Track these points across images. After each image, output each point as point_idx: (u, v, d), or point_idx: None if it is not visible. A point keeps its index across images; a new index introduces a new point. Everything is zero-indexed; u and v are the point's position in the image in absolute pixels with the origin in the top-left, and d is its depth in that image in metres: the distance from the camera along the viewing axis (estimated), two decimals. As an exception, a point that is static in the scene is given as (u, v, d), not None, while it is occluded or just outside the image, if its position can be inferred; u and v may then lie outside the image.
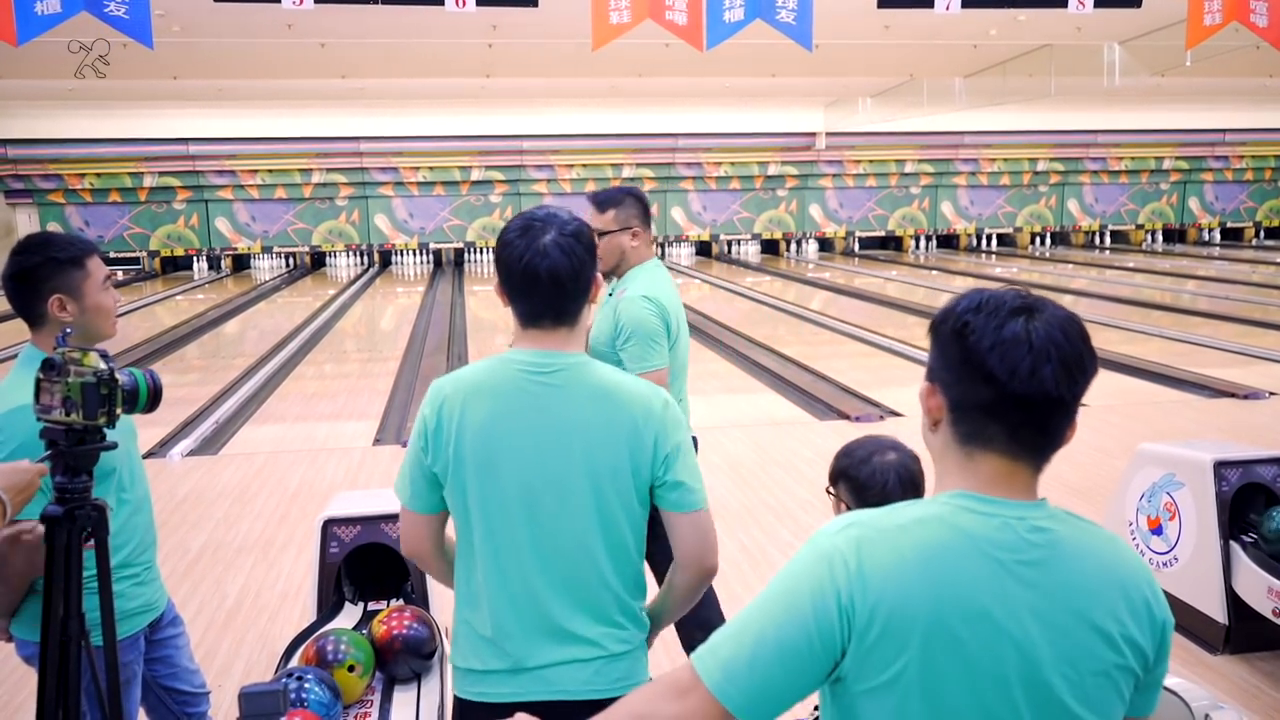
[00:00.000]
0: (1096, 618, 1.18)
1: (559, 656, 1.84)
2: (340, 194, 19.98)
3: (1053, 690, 1.17)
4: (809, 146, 20.68)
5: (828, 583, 1.17)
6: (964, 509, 1.21)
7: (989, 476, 1.22)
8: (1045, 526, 1.21)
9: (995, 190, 22.39)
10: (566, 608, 1.84)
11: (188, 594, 4.38)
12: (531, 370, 1.84)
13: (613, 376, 1.89)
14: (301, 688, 2.50)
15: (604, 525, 1.84)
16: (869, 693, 1.18)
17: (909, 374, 9.14)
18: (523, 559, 1.83)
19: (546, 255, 1.79)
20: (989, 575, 1.17)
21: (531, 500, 1.82)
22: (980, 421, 1.21)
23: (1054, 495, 4.46)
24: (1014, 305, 1.20)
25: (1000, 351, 1.17)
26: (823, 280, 17.94)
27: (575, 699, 1.81)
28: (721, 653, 1.20)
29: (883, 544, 1.18)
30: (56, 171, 18.69)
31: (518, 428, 1.82)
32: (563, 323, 1.85)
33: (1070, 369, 1.18)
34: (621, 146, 20.16)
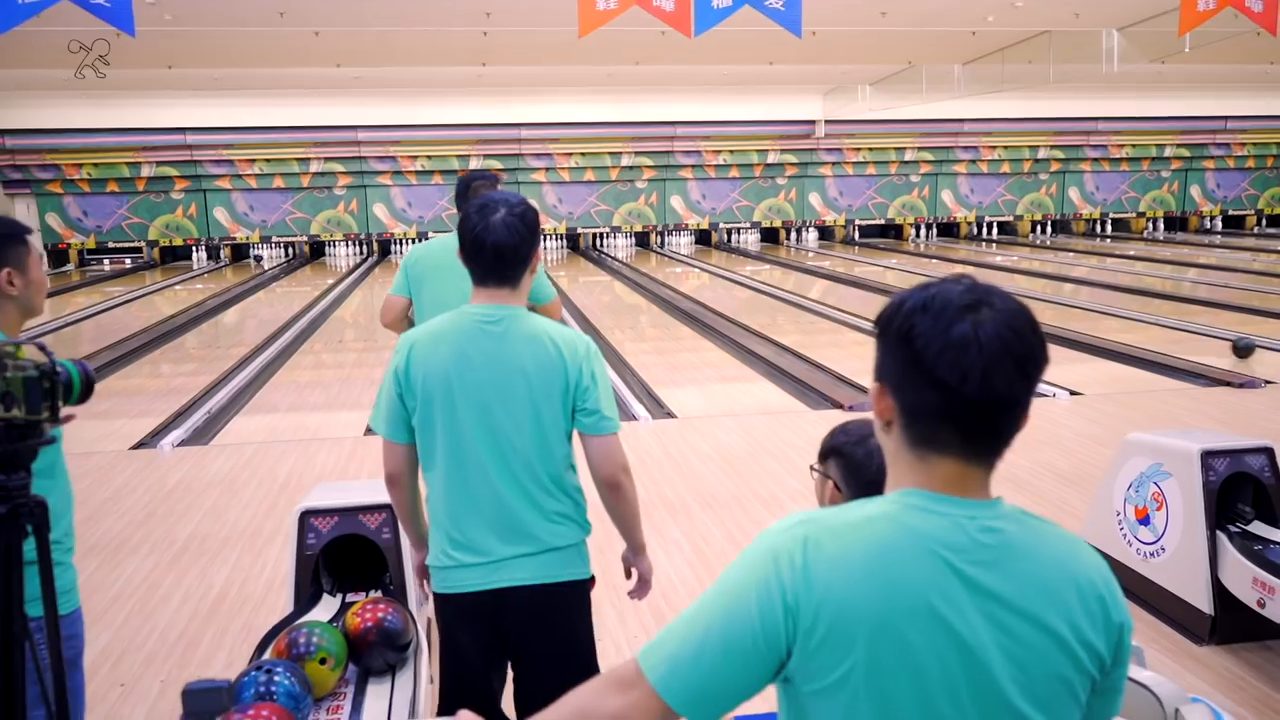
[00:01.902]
0: (1049, 620, 1.15)
1: (513, 551, 2.27)
2: (338, 183, 19.94)
3: (1003, 693, 1.14)
4: (808, 134, 20.60)
5: (773, 581, 1.15)
6: (914, 508, 1.18)
7: (942, 478, 1.19)
8: (997, 527, 1.18)
9: (995, 178, 22.30)
10: (518, 509, 2.27)
11: (173, 585, 4.37)
12: (482, 319, 2.30)
13: (544, 324, 2.33)
14: (271, 680, 2.48)
15: (543, 439, 2.28)
16: (817, 694, 1.15)
17: (905, 363, 9.09)
18: (482, 469, 2.26)
19: (493, 231, 2.25)
20: (938, 575, 1.14)
21: (487, 420, 2.25)
22: (933, 426, 1.17)
23: (1045, 483, 4.45)
24: (961, 304, 1.15)
25: (950, 356, 1.13)
26: (822, 269, 17.89)
27: (524, 584, 2.27)
28: (666, 648, 1.18)
29: (830, 542, 1.15)
30: (54, 161, 18.66)
31: (472, 363, 2.26)
32: (505, 284, 2.31)
33: (1023, 367, 1.14)
34: (620, 135, 20.09)
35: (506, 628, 2.34)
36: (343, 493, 3.37)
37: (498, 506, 2.27)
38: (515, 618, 2.32)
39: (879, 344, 1.21)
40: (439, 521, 2.35)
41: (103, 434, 7.05)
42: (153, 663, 3.67)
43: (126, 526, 5.09)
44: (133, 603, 4.19)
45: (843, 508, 1.21)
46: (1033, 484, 5.49)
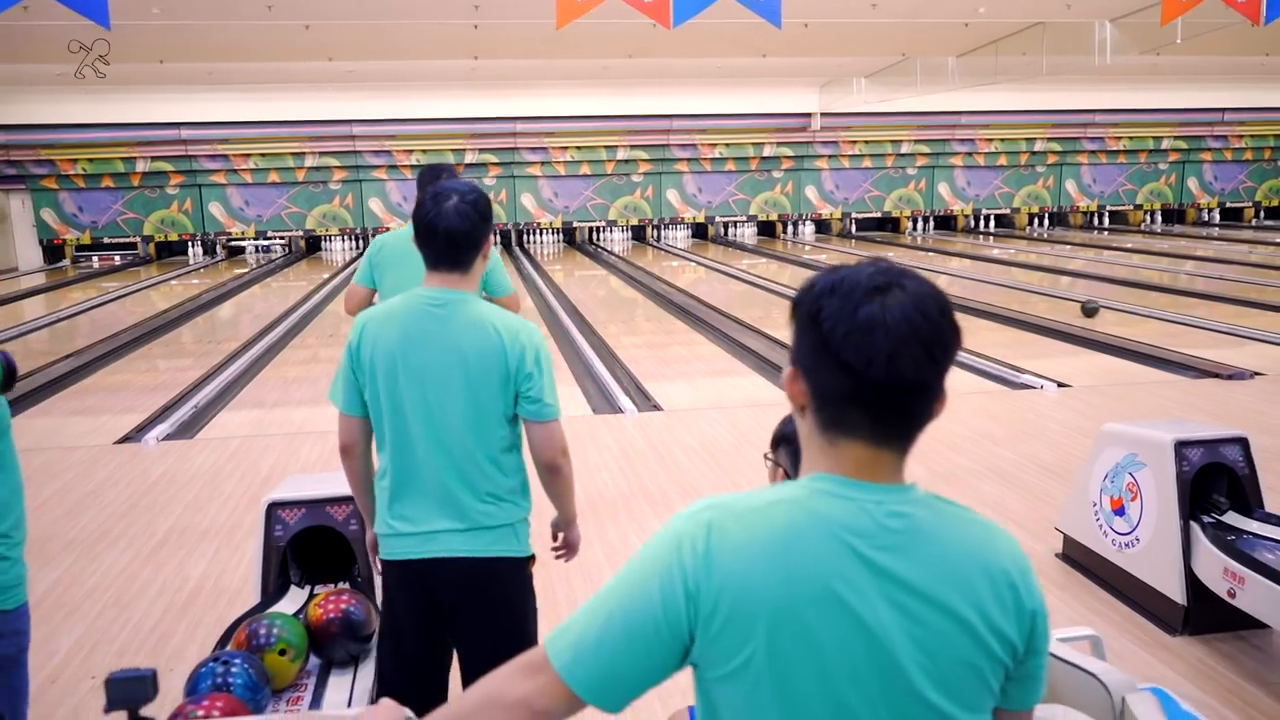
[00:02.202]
0: (956, 606, 1.14)
1: (443, 524, 2.35)
2: (334, 177, 19.92)
3: (909, 679, 1.12)
4: (804, 127, 20.56)
5: (675, 566, 1.14)
6: (821, 492, 1.16)
7: (852, 463, 1.17)
8: (905, 512, 1.16)
9: (992, 171, 22.26)
10: (451, 486, 2.35)
11: (149, 578, 4.37)
12: (429, 303, 2.38)
13: (490, 311, 2.40)
14: (228, 672, 2.48)
15: (479, 423, 2.34)
16: (720, 680, 1.15)
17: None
18: (420, 446, 2.35)
19: (445, 217, 2.33)
20: (841, 560, 1.12)
21: (426, 399, 2.33)
22: (841, 409, 1.16)
23: (1029, 475, 4.45)
24: (869, 286, 1.14)
25: (856, 339, 1.11)
26: (819, 262, 17.85)
27: (455, 556, 2.36)
28: (571, 634, 1.17)
29: (734, 527, 1.14)
30: (49, 157, 18.64)
31: (417, 345, 2.34)
32: (456, 269, 2.39)
33: (930, 350, 1.13)
34: (616, 129, 20.07)
35: (439, 598, 2.41)
36: (311, 485, 3.36)
37: (433, 482, 2.35)
38: (447, 589, 2.39)
39: (793, 327, 1.20)
40: (383, 492, 2.44)
41: (89, 429, 7.05)
42: (124, 655, 3.67)
43: (106, 520, 5.09)
44: (109, 595, 4.19)
45: (751, 493, 1.20)
46: (1016, 475, 5.48)
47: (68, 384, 8.76)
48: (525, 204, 20.94)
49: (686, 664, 1.17)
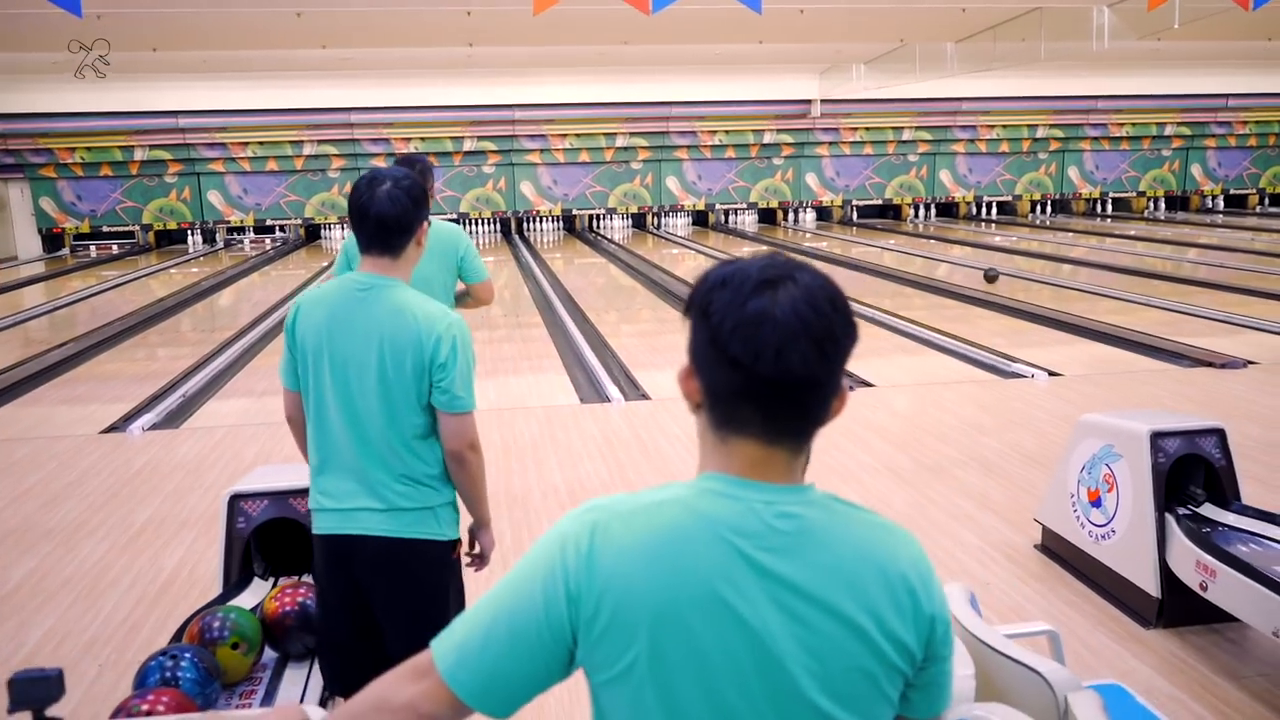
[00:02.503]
0: (847, 610, 1.10)
1: (361, 503, 2.39)
2: (332, 165, 19.87)
3: (796, 685, 1.09)
4: (804, 114, 20.45)
5: (559, 568, 1.11)
6: (709, 492, 1.13)
7: (743, 461, 1.14)
8: (795, 513, 1.13)
9: (994, 158, 22.13)
10: (367, 468, 2.38)
11: (123, 569, 4.36)
12: (356, 286, 2.41)
13: (413, 299, 2.40)
14: (177, 666, 2.47)
15: (391, 407, 2.36)
16: (605, 685, 1.12)
17: (889, 344, 9.04)
18: (339, 426, 2.40)
19: (376, 201, 2.36)
20: (726, 562, 1.09)
21: (345, 382, 2.38)
22: (732, 406, 1.12)
23: (1012, 465, 4.42)
24: (760, 279, 1.11)
25: (744, 333, 1.08)
26: (819, 250, 17.78)
27: (371, 534, 2.39)
28: (456, 636, 1.15)
29: (618, 528, 1.11)
30: (47, 146, 18.63)
31: (339, 328, 2.39)
32: (387, 253, 2.42)
33: (821, 345, 1.09)
34: (615, 116, 19.98)
35: (358, 575, 2.44)
36: (276, 476, 3.33)
37: (351, 462, 2.40)
38: (365, 567, 2.42)
39: (687, 322, 1.17)
40: (311, 468, 2.50)
41: (77, 418, 7.05)
42: (93, 646, 3.66)
43: (86, 510, 5.08)
44: (82, 586, 4.18)
45: (641, 493, 1.16)
46: (1000, 465, 5.45)
47: (60, 372, 8.76)
48: (524, 192, 20.88)
49: (574, 669, 1.14)
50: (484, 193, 20.71)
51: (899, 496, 5.03)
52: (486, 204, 20.83)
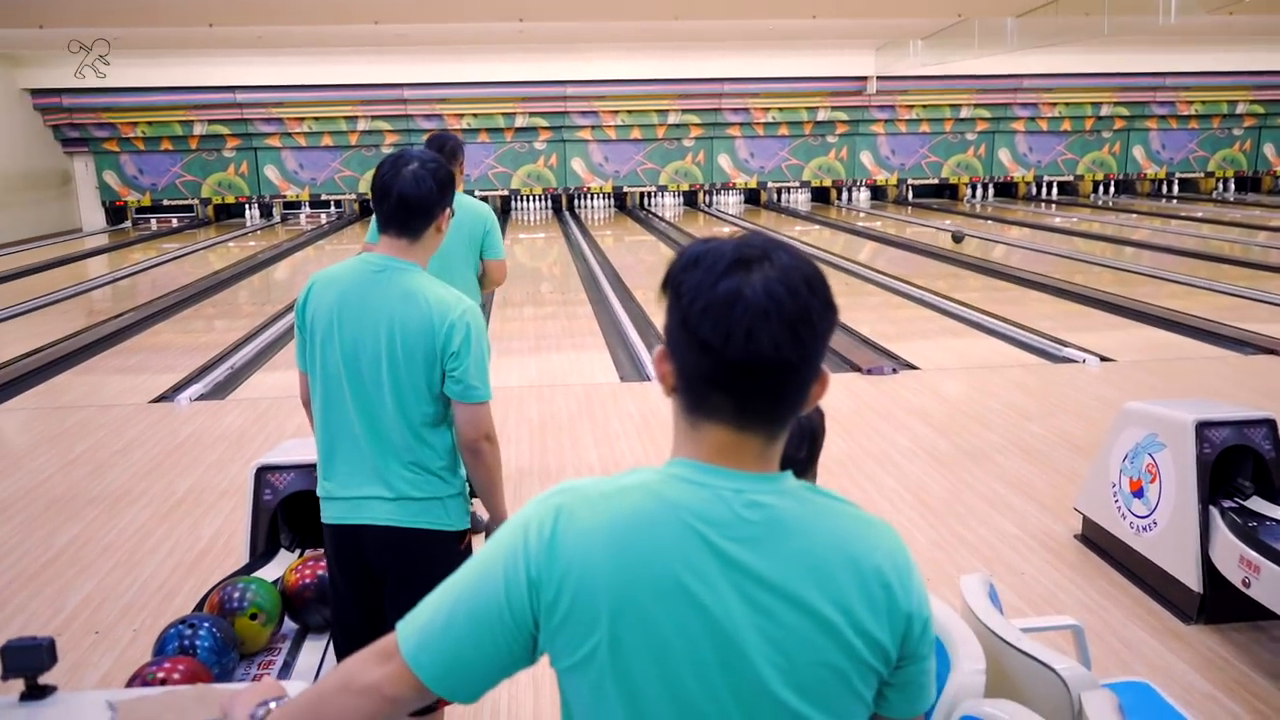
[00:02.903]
0: (815, 603, 1.06)
1: (370, 491, 2.33)
2: (385, 141, 20.01)
3: (760, 678, 1.05)
4: (860, 91, 20.12)
5: (520, 552, 1.08)
6: (676, 478, 1.09)
7: (712, 447, 1.09)
8: (765, 502, 1.08)
9: (1056, 136, 21.59)
10: (375, 456, 2.32)
11: (163, 536, 4.44)
12: (370, 268, 2.34)
13: (426, 284, 2.32)
14: (195, 635, 2.50)
15: (400, 395, 2.29)
16: (567, 672, 1.09)
17: (938, 327, 8.89)
18: (345, 410, 2.33)
19: (400, 179, 2.30)
20: (689, 550, 1.05)
21: (354, 365, 2.31)
22: (703, 390, 1.08)
23: (1057, 451, 4.32)
24: (733, 259, 1.06)
25: (713, 314, 1.04)
26: (873, 230, 17.52)
27: (378, 524, 2.33)
28: (421, 619, 1.13)
29: (582, 512, 1.08)
30: (110, 120, 19.03)
31: (350, 310, 2.31)
32: (405, 234, 2.33)
33: (794, 328, 1.04)
34: (667, 92, 19.83)
35: (369, 563, 2.39)
36: (304, 449, 3.35)
37: (359, 450, 2.33)
38: (371, 556, 2.38)
39: (664, 302, 1.12)
40: (319, 455, 2.44)
41: (128, 387, 7.21)
42: (129, 612, 3.74)
43: (130, 478, 5.19)
44: (122, 553, 4.28)
45: (609, 478, 1.13)
46: (1043, 452, 5.32)
47: (117, 341, 8.96)
48: (575, 168, 20.87)
49: (539, 655, 1.12)
50: (535, 169, 20.73)
51: (936, 481, 4.94)
52: (538, 180, 20.85)
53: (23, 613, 3.76)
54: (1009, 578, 3.89)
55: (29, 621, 3.69)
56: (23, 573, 4.10)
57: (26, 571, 4.11)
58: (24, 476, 5.24)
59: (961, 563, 4.04)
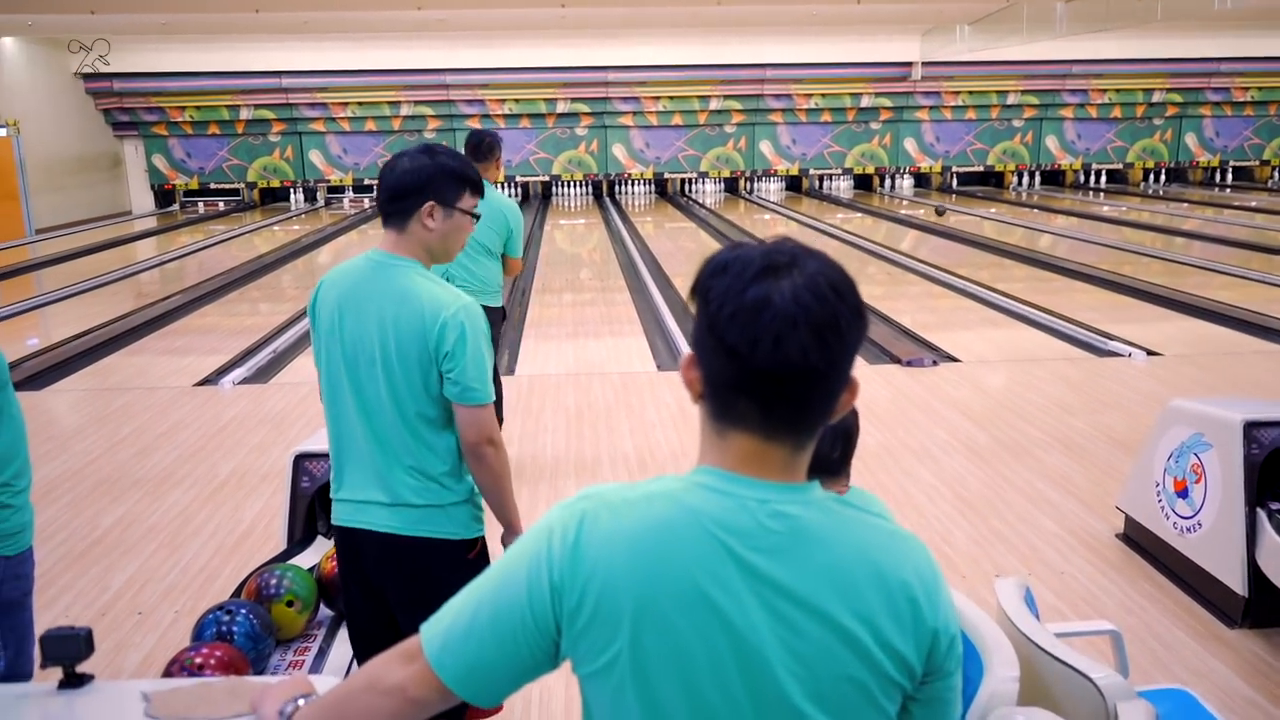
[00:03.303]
0: (839, 616, 1.05)
1: (371, 495, 2.26)
2: (428, 126, 20.12)
3: (782, 689, 1.04)
4: (904, 77, 19.87)
5: (544, 557, 1.08)
6: (701, 486, 1.08)
7: (738, 455, 1.08)
8: (791, 513, 1.07)
9: (1105, 123, 21.17)
10: (377, 458, 2.25)
11: (205, 518, 4.52)
12: (369, 264, 2.27)
13: (422, 283, 2.23)
14: (232, 621, 2.54)
15: (397, 397, 2.21)
16: (589, 678, 1.09)
17: (980, 319, 8.78)
18: (348, 411, 2.27)
19: (392, 171, 2.28)
20: (713, 559, 1.04)
21: (353, 365, 2.24)
22: (730, 398, 1.07)
23: (1099, 447, 4.25)
24: (762, 265, 1.05)
25: (740, 320, 1.03)
26: (915, 218, 17.32)
27: (378, 530, 2.25)
28: (444, 621, 1.13)
29: (606, 519, 1.08)
30: (159, 104, 19.31)
31: (349, 308, 2.25)
32: (390, 225, 2.28)
33: (821, 334, 1.03)
34: (708, 78, 19.72)
35: (368, 570, 2.33)
36: (341, 437, 3.39)
37: (361, 452, 2.27)
38: (373, 563, 2.31)
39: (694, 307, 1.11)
40: (330, 455, 2.40)
41: (174, 369, 7.33)
42: (171, 593, 3.81)
43: (174, 461, 5.29)
44: (165, 535, 4.36)
45: (634, 484, 1.12)
46: (1085, 447, 5.24)
47: (164, 324, 9.12)
48: (616, 154, 20.84)
49: (561, 660, 1.12)
50: (576, 155, 20.73)
51: (974, 476, 4.88)
52: (578, 166, 20.86)
53: (69, 591, 3.85)
54: (1048, 576, 3.84)
55: (75, 600, 3.77)
56: (70, 552, 4.19)
57: (74, 551, 4.20)
58: (72, 457, 5.36)
59: (999, 560, 3.99)
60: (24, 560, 2.32)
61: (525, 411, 6.05)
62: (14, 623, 2.29)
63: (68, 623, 3.67)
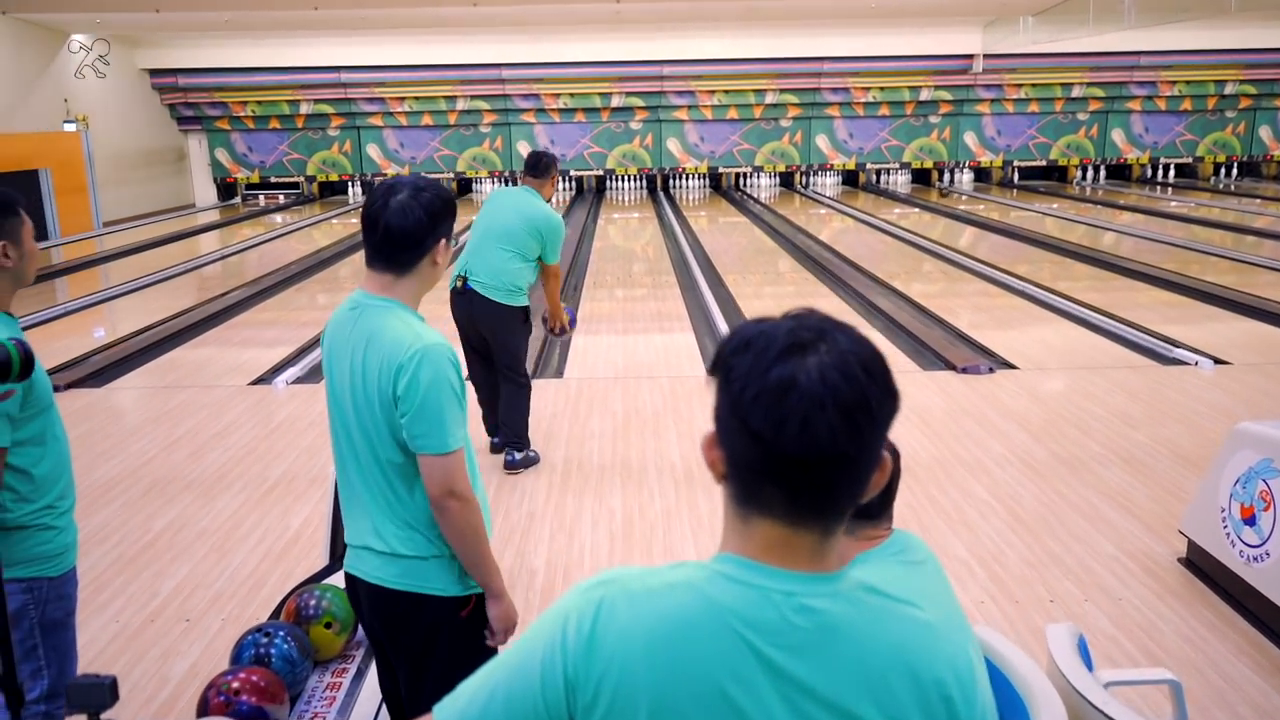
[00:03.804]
0: (869, 718, 0.99)
1: (366, 541, 2.17)
2: (483, 121, 20.23)
3: None
4: (965, 70, 19.48)
5: (558, 647, 1.04)
6: (723, 576, 1.03)
7: (762, 543, 1.03)
8: (818, 607, 1.01)
9: (1174, 116, 20.57)
10: (368, 502, 2.16)
11: (254, 523, 4.57)
12: (353, 305, 2.18)
13: (385, 324, 2.10)
14: (271, 643, 2.55)
15: (370, 442, 2.11)
16: None
17: (1039, 321, 8.57)
18: (345, 457, 2.19)
19: (388, 211, 2.11)
20: (735, 657, 0.99)
21: (342, 411, 2.17)
22: (754, 483, 1.01)
23: (1161, 463, 4.10)
24: (787, 343, 0.99)
25: (765, 403, 0.97)
26: (974, 214, 17.00)
27: (369, 581, 2.16)
28: (459, 703, 1.10)
29: (624, 610, 1.03)
30: (222, 99, 19.67)
31: (337, 351, 2.18)
32: (390, 269, 2.15)
33: (852, 416, 0.97)
34: (764, 72, 19.55)
35: (366, 616, 2.25)
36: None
37: (359, 498, 2.18)
38: (364, 614, 2.25)
39: (714, 384, 1.06)
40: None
41: (231, 366, 7.45)
42: (219, 600, 3.85)
43: (227, 462, 5.36)
44: (215, 539, 4.41)
45: (655, 570, 1.07)
46: (1147, 463, 5.07)
47: (225, 318, 9.29)
48: (671, 149, 20.76)
49: None
50: (630, 149, 20.68)
51: (1030, 492, 4.75)
52: (632, 161, 20.82)
53: (121, 596, 3.91)
54: (1104, 602, 3.71)
55: (126, 605, 3.83)
56: (122, 556, 4.26)
57: (126, 555, 4.27)
58: (128, 458, 5.45)
59: (1053, 583, 3.87)
60: (67, 580, 2.35)
61: (573, 416, 6.03)
62: (56, 642, 2.31)
63: (119, 629, 3.75)
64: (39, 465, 2.25)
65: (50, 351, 7.86)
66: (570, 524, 4.50)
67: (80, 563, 4.19)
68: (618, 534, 4.37)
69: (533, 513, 4.63)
